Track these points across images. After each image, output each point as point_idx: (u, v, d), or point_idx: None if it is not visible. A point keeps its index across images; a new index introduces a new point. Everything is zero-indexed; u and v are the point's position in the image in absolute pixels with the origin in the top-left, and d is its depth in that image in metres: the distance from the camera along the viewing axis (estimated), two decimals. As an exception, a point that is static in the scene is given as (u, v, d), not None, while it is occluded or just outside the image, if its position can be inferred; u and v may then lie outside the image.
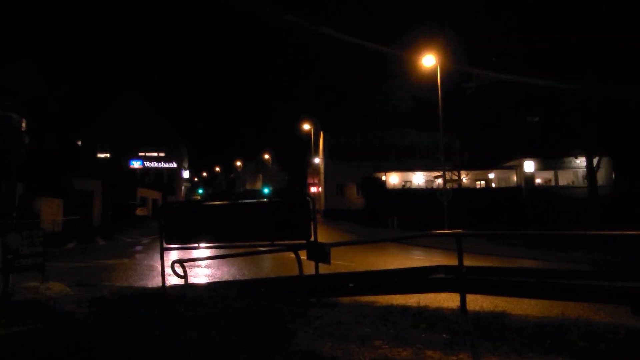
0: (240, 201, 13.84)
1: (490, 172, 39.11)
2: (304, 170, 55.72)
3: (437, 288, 6.04)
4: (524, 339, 4.60)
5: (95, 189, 32.69)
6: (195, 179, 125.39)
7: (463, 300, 5.72)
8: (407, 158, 40.46)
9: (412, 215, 30.40)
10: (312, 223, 6.51)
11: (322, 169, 47.95)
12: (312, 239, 6.58)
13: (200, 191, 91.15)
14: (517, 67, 20.62)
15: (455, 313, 5.67)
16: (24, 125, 9.08)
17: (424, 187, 36.97)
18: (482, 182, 39.88)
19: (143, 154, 63.50)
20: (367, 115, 43.39)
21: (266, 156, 79.24)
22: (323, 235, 6.82)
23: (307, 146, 50.28)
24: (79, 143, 59.28)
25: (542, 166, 35.40)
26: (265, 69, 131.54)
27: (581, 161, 28.47)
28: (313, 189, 53.26)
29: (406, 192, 36.11)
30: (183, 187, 74.63)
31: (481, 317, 5.51)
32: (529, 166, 35.15)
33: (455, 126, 36.33)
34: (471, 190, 34.95)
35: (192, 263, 10.17)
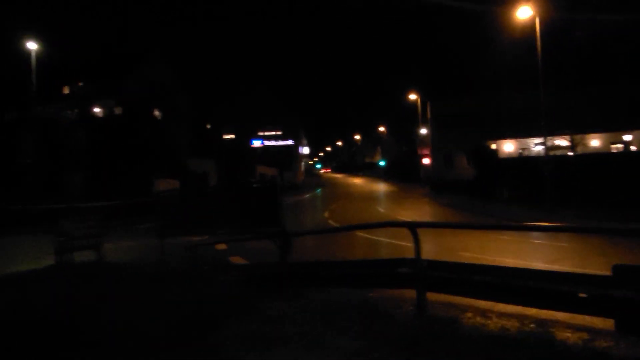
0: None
1: (625, 134, 33.21)
2: (414, 141, 53.87)
3: (395, 284, 5.36)
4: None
5: (209, 169, 35.82)
6: (321, 154, 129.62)
7: (420, 300, 5.00)
8: (523, 122, 36.16)
9: (527, 187, 27.33)
10: (279, 211, 6.25)
11: (429, 140, 45.81)
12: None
13: (318, 166, 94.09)
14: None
15: (409, 314, 4.99)
16: (157, 113, 10.34)
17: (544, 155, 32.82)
18: (620, 146, 34.06)
19: (262, 133, 67.57)
20: (473, 79, 39.89)
21: (381, 129, 78.26)
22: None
23: (415, 117, 48.29)
24: (208, 126, 65.43)
25: None
26: (379, 40, 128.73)
27: None
28: (425, 160, 51.21)
29: (519, 161, 32.56)
30: (302, 163, 77.77)
31: (436, 321, 4.78)
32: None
33: (579, 81, 31.40)
34: (591, 156, 29.39)
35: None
